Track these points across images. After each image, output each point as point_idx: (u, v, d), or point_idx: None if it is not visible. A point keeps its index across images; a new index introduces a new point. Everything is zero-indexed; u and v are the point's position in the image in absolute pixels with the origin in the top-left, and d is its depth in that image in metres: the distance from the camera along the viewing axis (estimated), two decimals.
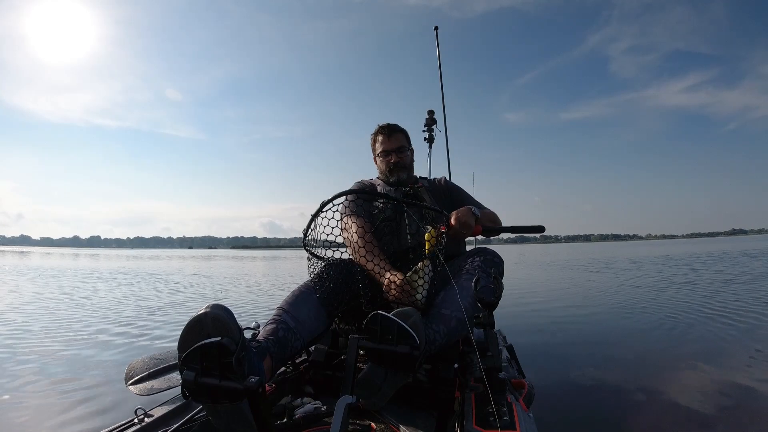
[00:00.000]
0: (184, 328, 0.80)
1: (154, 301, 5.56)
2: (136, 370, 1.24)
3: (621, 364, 2.59)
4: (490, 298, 0.99)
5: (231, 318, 0.80)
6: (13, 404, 1.95)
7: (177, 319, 4.20)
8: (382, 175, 1.76)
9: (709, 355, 2.69)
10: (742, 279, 7.06)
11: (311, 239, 1.32)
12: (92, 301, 5.55)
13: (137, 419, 0.98)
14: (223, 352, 0.75)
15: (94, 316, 4.29)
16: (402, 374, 0.95)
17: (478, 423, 0.85)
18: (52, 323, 3.91)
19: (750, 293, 5.35)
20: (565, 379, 2.27)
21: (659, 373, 2.35)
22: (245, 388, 0.73)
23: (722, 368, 2.41)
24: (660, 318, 4.01)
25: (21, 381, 2.25)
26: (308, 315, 1.20)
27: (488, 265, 1.28)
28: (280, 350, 1.08)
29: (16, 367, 2.51)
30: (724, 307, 4.35)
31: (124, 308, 4.89)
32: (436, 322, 1.15)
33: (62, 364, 2.59)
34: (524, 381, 1.11)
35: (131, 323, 3.95)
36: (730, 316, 3.89)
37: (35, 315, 4.36)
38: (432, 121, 3.20)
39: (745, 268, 9.32)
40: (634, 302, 5.06)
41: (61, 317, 4.24)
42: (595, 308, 4.80)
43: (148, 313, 4.58)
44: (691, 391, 2.03)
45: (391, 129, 1.71)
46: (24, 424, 1.74)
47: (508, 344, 1.91)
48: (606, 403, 1.95)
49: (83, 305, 5.08)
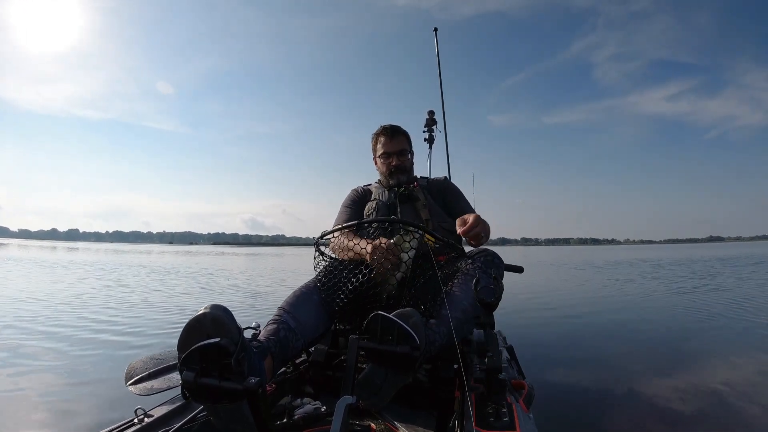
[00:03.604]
0: (184, 329, 0.80)
1: (156, 298, 5.57)
2: (136, 370, 1.24)
3: (621, 365, 2.58)
4: (490, 299, 0.99)
5: (230, 318, 0.80)
6: (13, 404, 1.95)
7: (176, 319, 4.20)
8: (381, 177, 1.76)
9: (709, 355, 2.69)
10: (738, 283, 7.08)
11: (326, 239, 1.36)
12: (87, 298, 5.55)
13: (137, 419, 0.97)
14: (223, 352, 0.75)
15: (94, 315, 4.29)
16: (402, 374, 0.95)
17: (478, 423, 0.85)
18: (50, 321, 3.91)
19: (746, 296, 5.35)
20: (565, 379, 2.27)
21: (660, 373, 2.35)
22: (245, 389, 0.73)
23: (723, 368, 2.41)
24: (660, 318, 4.02)
25: (21, 381, 2.25)
26: (309, 315, 1.20)
27: (488, 266, 1.28)
28: (281, 350, 1.08)
29: (16, 366, 2.51)
30: (724, 307, 4.35)
31: (123, 308, 4.89)
32: (437, 323, 1.15)
33: (62, 363, 2.59)
34: (524, 382, 1.11)
35: (131, 323, 3.95)
36: (729, 315, 3.90)
37: (33, 311, 4.35)
38: (432, 121, 3.20)
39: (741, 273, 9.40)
40: (634, 302, 5.06)
41: (60, 315, 4.24)
42: (595, 309, 4.80)
43: (147, 312, 4.58)
44: (691, 391, 2.03)
45: (394, 131, 1.71)
46: (24, 425, 1.74)
47: (508, 345, 1.91)
48: (606, 403, 1.94)
49: (80, 303, 5.08)
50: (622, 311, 4.58)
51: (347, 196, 1.77)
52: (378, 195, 1.70)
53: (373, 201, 1.69)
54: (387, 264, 1.20)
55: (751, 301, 4.86)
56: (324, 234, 1.34)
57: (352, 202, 1.73)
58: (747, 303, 4.70)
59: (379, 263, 1.21)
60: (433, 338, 1.09)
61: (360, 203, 1.72)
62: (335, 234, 1.36)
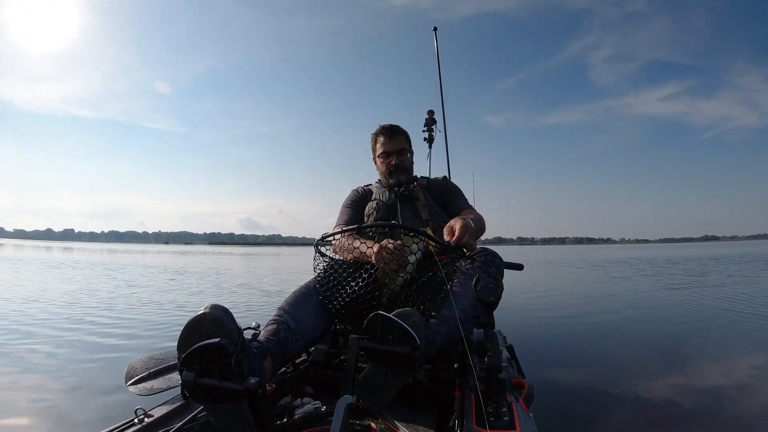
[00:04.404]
0: (184, 329, 0.79)
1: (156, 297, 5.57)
2: (136, 370, 1.24)
3: (621, 364, 2.59)
4: (490, 298, 0.99)
5: (230, 318, 0.80)
6: (13, 404, 1.95)
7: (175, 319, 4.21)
8: (381, 176, 1.76)
9: (708, 353, 2.70)
10: (733, 281, 7.12)
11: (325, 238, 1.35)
12: (88, 297, 5.55)
13: (137, 419, 0.97)
14: (222, 353, 0.75)
15: (93, 314, 4.29)
16: (402, 374, 0.95)
17: (478, 423, 0.85)
18: (50, 320, 3.91)
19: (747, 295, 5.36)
20: (565, 379, 2.27)
21: (659, 372, 2.35)
22: (245, 389, 0.73)
23: (721, 366, 2.42)
24: (659, 316, 4.02)
25: (20, 381, 2.25)
26: (309, 315, 1.20)
27: (488, 265, 1.28)
28: (281, 351, 1.08)
29: (15, 366, 2.51)
30: (723, 307, 4.36)
31: (123, 307, 4.89)
32: (437, 323, 1.15)
33: (62, 363, 2.59)
34: (524, 381, 1.11)
35: (130, 322, 3.95)
36: (727, 313, 3.91)
37: (33, 312, 4.35)
38: (432, 121, 3.20)
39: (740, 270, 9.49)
40: (633, 301, 5.07)
41: (60, 314, 4.24)
42: (594, 308, 4.80)
43: (146, 311, 4.58)
44: (691, 390, 2.03)
45: (393, 130, 1.71)
46: (24, 425, 1.74)
47: (508, 344, 1.91)
48: (606, 403, 1.94)
49: (79, 302, 5.08)
50: (621, 310, 4.58)
51: (348, 196, 1.77)
52: (378, 195, 1.70)
53: (374, 201, 1.69)
54: (393, 265, 1.19)
55: (744, 298, 4.90)
56: (324, 237, 1.34)
57: (353, 202, 1.73)
58: (741, 301, 4.72)
59: (385, 264, 1.20)
60: (433, 338, 1.09)
61: (361, 203, 1.72)
62: (336, 236, 1.36)
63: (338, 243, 1.36)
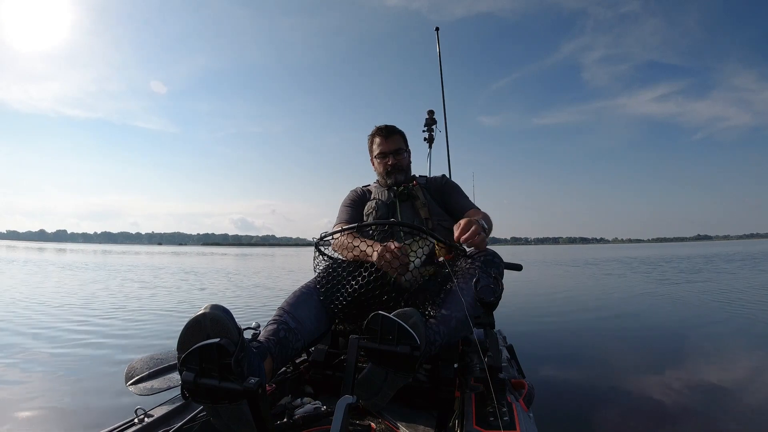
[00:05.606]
0: (183, 329, 0.79)
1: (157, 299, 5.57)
2: (136, 370, 1.24)
3: (621, 364, 2.59)
4: (490, 298, 0.99)
5: (230, 319, 0.80)
6: (13, 404, 1.95)
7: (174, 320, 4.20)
8: (379, 176, 1.76)
9: (707, 352, 2.70)
10: (732, 279, 7.13)
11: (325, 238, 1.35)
12: (90, 298, 5.55)
13: (137, 419, 0.98)
14: (222, 353, 0.74)
15: (93, 315, 4.29)
16: (402, 374, 0.95)
17: (478, 423, 0.85)
18: (50, 321, 3.91)
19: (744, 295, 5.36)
20: (565, 379, 2.27)
21: (660, 373, 2.35)
22: (244, 389, 0.73)
23: (720, 365, 2.42)
24: (658, 315, 4.02)
25: (20, 381, 2.25)
26: (309, 315, 1.20)
27: (488, 265, 1.27)
28: (281, 351, 1.08)
29: (15, 366, 2.50)
30: (723, 307, 4.35)
31: (122, 307, 4.89)
32: (437, 323, 1.15)
33: (61, 363, 2.59)
34: (524, 381, 1.11)
35: (130, 322, 3.95)
36: (725, 311, 3.91)
37: (34, 312, 4.35)
38: (432, 121, 3.19)
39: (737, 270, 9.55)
40: (632, 300, 5.06)
41: (60, 314, 4.24)
42: (595, 308, 4.80)
43: (146, 312, 4.57)
44: (691, 390, 2.03)
45: (389, 131, 1.71)
46: (23, 425, 1.73)
47: (508, 344, 1.91)
48: (606, 402, 1.94)
49: (80, 302, 5.08)
50: (619, 310, 4.58)
51: (347, 196, 1.77)
52: (378, 194, 1.70)
53: (373, 200, 1.69)
54: (395, 265, 1.18)
55: (739, 294, 4.92)
56: (324, 236, 1.33)
57: (352, 202, 1.73)
58: (736, 299, 4.73)
59: (387, 265, 1.19)
60: (434, 338, 1.09)
61: (360, 203, 1.72)
62: (336, 235, 1.36)
63: (338, 241, 1.36)
